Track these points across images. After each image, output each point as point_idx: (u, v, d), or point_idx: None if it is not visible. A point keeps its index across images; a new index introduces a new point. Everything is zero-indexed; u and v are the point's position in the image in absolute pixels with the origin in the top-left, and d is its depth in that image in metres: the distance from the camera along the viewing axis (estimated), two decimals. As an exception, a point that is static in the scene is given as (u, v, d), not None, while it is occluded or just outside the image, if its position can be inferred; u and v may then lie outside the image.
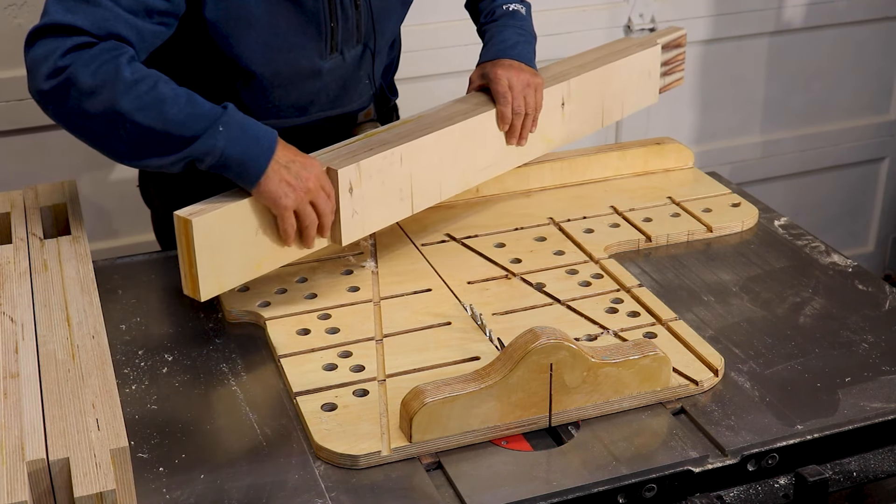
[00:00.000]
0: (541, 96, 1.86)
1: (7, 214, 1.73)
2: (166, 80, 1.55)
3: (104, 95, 1.51)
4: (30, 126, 2.50)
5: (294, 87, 1.81)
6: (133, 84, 1.51)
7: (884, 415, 1.46)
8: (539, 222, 1.93)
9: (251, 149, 1.54)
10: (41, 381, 1.31)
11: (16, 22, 2.41)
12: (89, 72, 1.51)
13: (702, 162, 3.15)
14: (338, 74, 1.85)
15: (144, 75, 1.53)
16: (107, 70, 1.51)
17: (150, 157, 1.55)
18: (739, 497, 1.39)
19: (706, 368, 1.52)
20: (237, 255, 1.56)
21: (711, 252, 1.88)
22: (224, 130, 1.53)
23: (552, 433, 1.43)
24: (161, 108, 1.51)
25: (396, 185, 1.70)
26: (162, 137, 1.52)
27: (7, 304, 1.48)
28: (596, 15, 2.95)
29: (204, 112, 1.53)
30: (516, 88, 1.83)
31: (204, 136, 1.52)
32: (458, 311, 1.65)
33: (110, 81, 1.51)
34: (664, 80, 2.17)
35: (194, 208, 1.52)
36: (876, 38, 3.36)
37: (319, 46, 1.78)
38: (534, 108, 1.85)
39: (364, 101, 1.95)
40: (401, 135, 1.73)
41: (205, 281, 1.52)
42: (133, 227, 2.70)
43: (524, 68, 1.86)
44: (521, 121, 1.84)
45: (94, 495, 1.13)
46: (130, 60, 1.54)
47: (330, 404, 1.44)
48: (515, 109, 1.83)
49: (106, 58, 1.52)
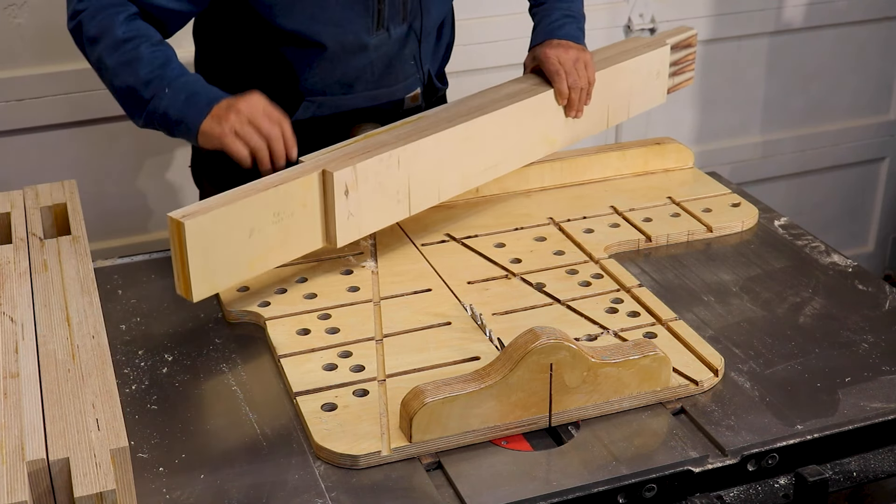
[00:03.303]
0: (592, 71, 1.92)
1: (7, 214, 1.73)
2: (155, 41, 1.67)
3: (98, 48, 1.66)
4: (30, 126, 2.50)
5: (340, 61, 1.85)
6: (121, 42, 1.64)
7: (884, 415, 1.46)
8: (539, 222, 1.93)
9: (188, 111, 1.64)
10: (41, 381, 1.31)
11: (16, 22, 2.41)
12: (93, 23, 1.66)
13: (702, 162, 3.15)
14: (383, 52, 1.88)
15: (133, 35, 1.65)
16: (104, 25, 1.66)
17: (128, 113, 1.69)
18: (739, 497, 1.39)
19: (706, 368, 1.52)
20: (230, 256, 1.56)
21: (711, 252, 1.88)
22: (170, 93, 1.64)
23: (552, 433, 1.43)
24: (135, 68, 1.64)
25: (394, 188, 1.70)
26: (130, 92, 1.66)
27: (7, 304, 1.48)
28: (596, 15, 2.95)
29: (164, 75, 1.64)
30: (567, 64, 1.89)
31: (154, 98, 1.64)
32: (458, 311, 1.65)
33: (104, 36, 1.65)
34: (673, 81, 2.16)
35: (188, 210, 1.52)
36: (876, 38, 3.36)
37: (366, 22, 1.82)
38: (587, 82, 1.90)
39: (410, 83, 1.97)
40: (400, 136, 1.73)
41: (197, 282, 1.53)
42: (133, 227, 2.70)
43: (571, 45, 1.92)
44: (578, 94, 1.90)
45: (94, 495, 1.13)
46: (128, 19, 1.66)
47: (330, 404, 1.44)
48: (570, 84, 1.88)
49: (108, 13, 1.66)
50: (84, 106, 2.52)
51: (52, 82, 2.48)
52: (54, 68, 2.47)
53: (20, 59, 2.45)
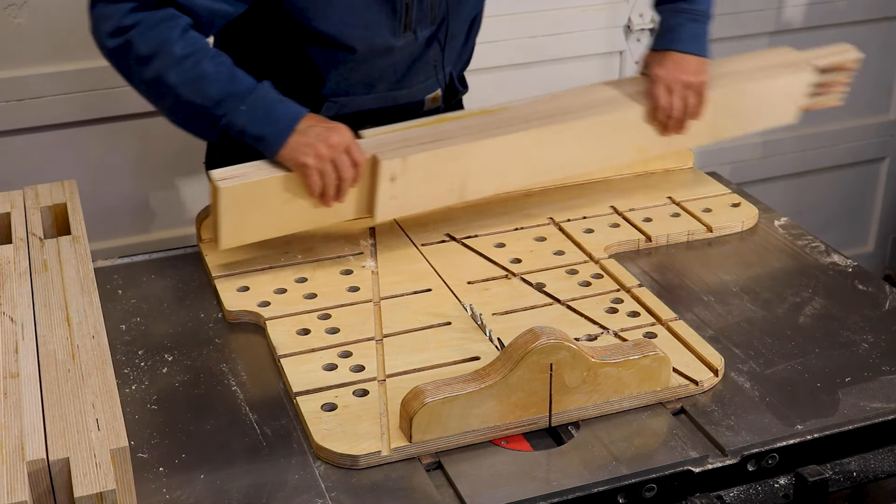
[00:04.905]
0: (702, 97, 1.88)
1: (7, 214, 1.73)
2: (214, 54, 1.66)
3: (155, 66, 1.63)
4: (30, 126, 2.50)
5: (365, 62, 1.84)
6: (181, 59, 1.63)
7: (884, 415, 1.46)
8: (539, 222, 1.93)
9: (269, 128, 1.65)
10: (41, 381, 1.31)
11: (16, 22, 2.41)
12: (145, 41, 1.63)
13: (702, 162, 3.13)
14: (407, 53, 1.87)
15: (192, 51, 1.64)
16: (160, 42, 1.63)
17: (189, 126, 1.70)
18: (739, 497, 1.39)
19: (706, 368, 1.52)
20: (261, 219, 1.68)
21: (711, 252, 1.88)
22: (246, 109, 1.64)
23: (552, 433, 1.43)
24: (201, 85, 1.64)
25: (446, 178, 1.73)
26: (200, 111, 1.65)
27: (7, 304, 1.48)
28: (596, 15, 2.95)
29: (235, 91, 1.65)
30: (675, 92, 1.86)
31: (229, 114, 1.64)
32: (458, 311, 1.65)
33: (161, 53, 1.63)
34: (811, 101, 2.00)
35: (227, 172, 1.63)
36: (876, 38, 3.36)
37: (393, 24, 1.81)
38: (681, 111, 1.87)
39: (430, 84, 1.96)
40: (468, 129, 1.72)
41: (226, 236, 1.67)
42: (133, 227, 2.70)
43: (688, 67, 1.87)
44: (677, 123, 1.89)
45: (94, 495, 1.13)
46: (183, 32, 1.64)
47: (330, 404, 1.44)
48: (665, 111, 1.87)
49: (161, 28, 1.63)
50: (84, 106, 2.52)
51: (52, 82, 2.48)
52: (54, 68, 2.47)
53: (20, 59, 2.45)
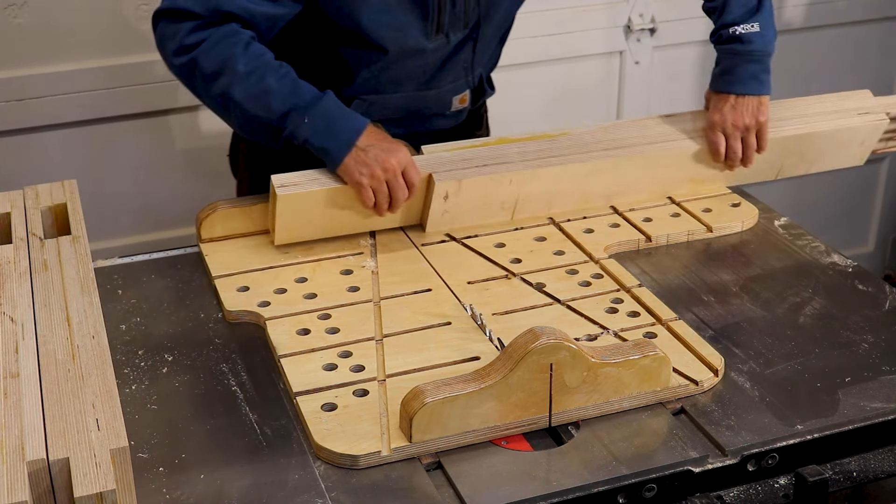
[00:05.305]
0: (763, 135, 1.91)
1: (7, 214, 1.73)
2: (276, 67, 1.71)
3: (221, 82, 1.70)
4: (30, 126, 2.50)
5: (397, 63, 1.86)
6: (245, 76, 1.69)
7: (884, 415, 1.46)
8: (539, 222, 1.92)
9: (331, 142, 1.71)
10: (41, 381, 1.31)
11: (16, 22, 2.41)
12: (210, 59, 1.69)
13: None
14: (439, 55, 1.89)
15: (256, 66, 1.69)
16: (224, 59, 1.69)
17: (256, 136, 1.77)
18: (739, 497, 1.39)
19: (706, 368, 1.52)
20: (314, 222, 1.78)
21: (711, 252, 1.88)
22: (309, 122, 1.70)
23: (552, 433, 1.43)
24: (266, 100, 1.70)
25: (499, 199, 1.80)
26: (265, 123, 1.72)
27: (7, 304, 1.48)
28: (596, 15, 2.95)
29: (297, 104, 1.70)
30: (731, 135, 1.91)
31: (291, 126, 1.71)
32: (458, 311, 1.65)
33: (226, 71, 1.69)
34: (882, 145, 2.02)
35: (286, 179, 1.73)
36: (876, 38, 3.36)
37: (426, 26, 1.82)
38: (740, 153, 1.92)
39: (460, 85, 1.97)
40: (526, 154, 1.80)
41: (281, 234, 1.78)
42: (133, 227, 2.70)
43: (746, 109, 1.90)
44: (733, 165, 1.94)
45: (94, 495, 1.13)
46: (246, 48, 1.69)
47: (330, 404, 1.44)
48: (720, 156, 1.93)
49: (224, 45, 1.69)
50: (84, 106, 2.52)
51: (52, 82, 2.48)
52: (54, 68, 2.47)
53: (20, 59, 2.45)
